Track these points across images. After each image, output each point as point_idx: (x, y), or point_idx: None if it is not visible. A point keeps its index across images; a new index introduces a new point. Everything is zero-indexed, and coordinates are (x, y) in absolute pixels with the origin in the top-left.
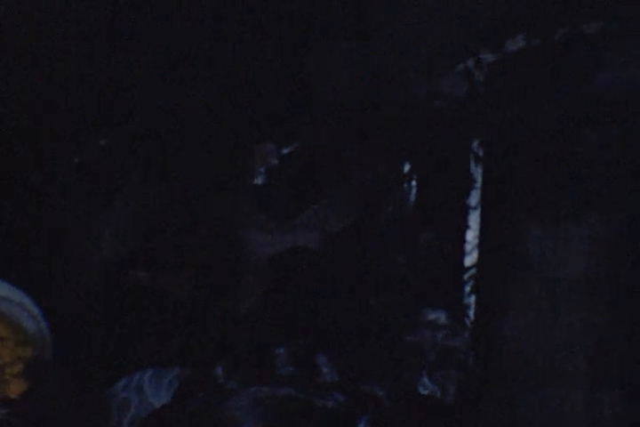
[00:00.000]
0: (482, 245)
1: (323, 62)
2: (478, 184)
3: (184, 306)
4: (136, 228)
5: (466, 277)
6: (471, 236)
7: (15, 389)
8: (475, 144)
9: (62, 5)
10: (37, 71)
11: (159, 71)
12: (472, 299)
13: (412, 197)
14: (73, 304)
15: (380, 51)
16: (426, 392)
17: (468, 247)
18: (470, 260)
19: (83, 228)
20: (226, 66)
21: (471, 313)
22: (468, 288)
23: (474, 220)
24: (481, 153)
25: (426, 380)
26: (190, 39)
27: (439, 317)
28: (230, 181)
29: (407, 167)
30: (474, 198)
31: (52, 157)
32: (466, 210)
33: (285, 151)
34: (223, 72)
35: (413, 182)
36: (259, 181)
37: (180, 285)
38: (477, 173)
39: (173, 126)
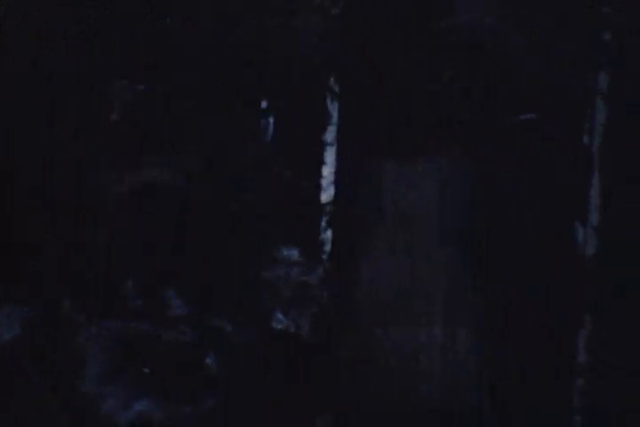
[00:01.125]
0: (338, 181)
1: (180, 6)
2: (334, 120)
3: (35, 243)
4: None
5: (322, 212)
6: (327, 171)
7: None
8: (331, 80)
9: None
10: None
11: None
12: (328, 235)
13: (270, 133)
14: None
15: None
16: (280, 327)
17: (324, 183)
18: (326, 196)
19: None
20: (92, 8)
21: (327, 249)
22: (323, 224)
23: (330, 155)
24: (337, 89)
25: (280, 315)
26: None
27: (292, 253)
28: (85, 117)
29: (264, 104)
30: (330, 134)
31: None
32: (322, 146)
33: (141, 88)
34: (87, 12)
35: (271, 119)
36: (114, 117)
37: (34, 222)
38: (334, 109)
39: (31, 63)
